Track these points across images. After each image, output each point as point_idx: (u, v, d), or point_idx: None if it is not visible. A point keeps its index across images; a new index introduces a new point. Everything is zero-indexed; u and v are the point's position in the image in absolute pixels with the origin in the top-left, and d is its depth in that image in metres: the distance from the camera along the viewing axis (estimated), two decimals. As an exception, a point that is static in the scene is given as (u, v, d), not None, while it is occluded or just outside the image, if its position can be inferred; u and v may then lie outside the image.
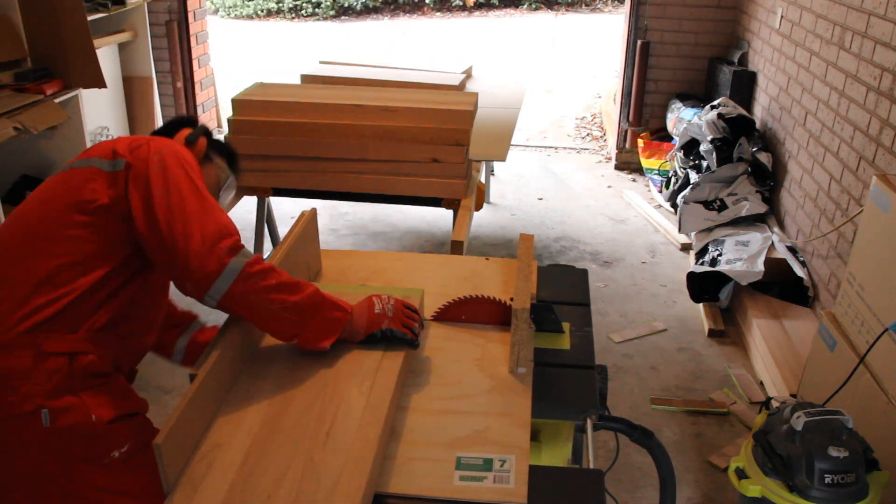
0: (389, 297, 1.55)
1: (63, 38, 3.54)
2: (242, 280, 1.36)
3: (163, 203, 1.38)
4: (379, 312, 1.51)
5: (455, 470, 1.24)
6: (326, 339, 1.46)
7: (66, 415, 1.34)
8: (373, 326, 1.50)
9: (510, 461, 1.26)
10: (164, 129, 1.70)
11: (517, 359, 1.48)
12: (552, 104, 7.13)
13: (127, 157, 1.44)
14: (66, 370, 1.35)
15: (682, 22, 4.84)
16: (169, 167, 1.43)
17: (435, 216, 4.35)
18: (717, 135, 3.99)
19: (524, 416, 1.37)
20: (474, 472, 1.24)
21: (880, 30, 2.78)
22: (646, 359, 3.09)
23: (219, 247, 1.36)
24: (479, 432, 1.33)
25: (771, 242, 3.45)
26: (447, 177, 2.98)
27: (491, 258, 1.96)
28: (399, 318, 1.52)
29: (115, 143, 1.50)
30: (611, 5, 12.92)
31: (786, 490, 1.68)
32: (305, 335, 1.44)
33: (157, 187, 1.40)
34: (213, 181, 1.69)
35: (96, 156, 1.48)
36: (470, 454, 1.28)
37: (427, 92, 3.46)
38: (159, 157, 1.44)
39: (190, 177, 1.44)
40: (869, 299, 2.11)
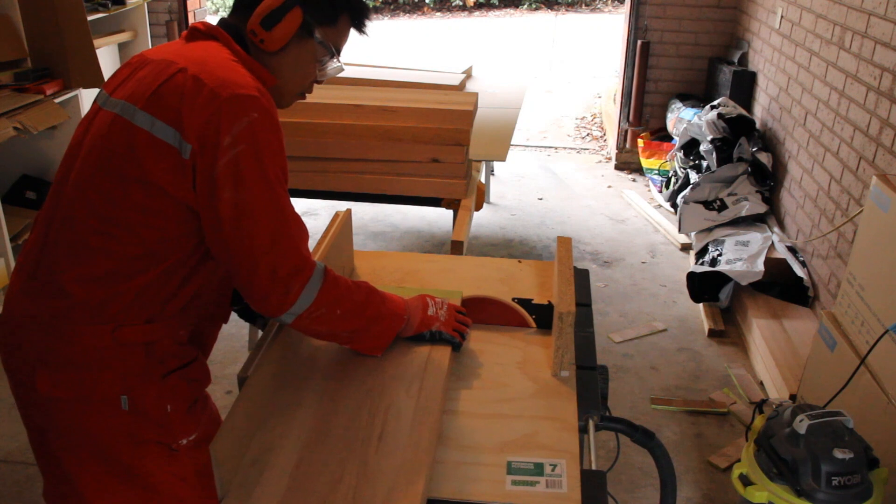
0: (443, 301, 1.55)
1: (63, 38, 3.54)
2: (308, 315, 1.31)
3: (231, 222, 1.22)
4: (432, 315, 1.51)
5: (506, 475, 1.23)
6: (381, 347, 1.47)
7: (143, 403, 1.32)
8: (424, 327, 1.50)
9: (561, 465, 1.25)
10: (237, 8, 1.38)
11: (560, 362, 1.47)
12: (552, 104, 7.14)
13: (193, 145, 1.20)
14: (144, 359, 1.31)
15: (682, 22, 4.84)
16: (242, 171, 1.21)
17: (435, 216, 4.35)
18: (717, 135, 3.99)
19: (571, 420, 1.36)
20: (526, 476, 1.23)
21: (880, 30, 2.78)
22: (646, 359, 3.09)
23: (288, 284, 1.26)
24: (527, 436, 1.32)
25: (771, 242, 3.45)
26: (447, 177, 2.98)
27: (524, 261, 1.95)
28: (451, 322, 1.53)
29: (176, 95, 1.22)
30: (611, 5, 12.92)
31: (793, 495, 1.68)
32: (362, 345, 1.45)
33: (225, 203, 1.21)
34: (306, 62, 1.39)
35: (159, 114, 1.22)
36: (520, 458, 1.26)
37: (427, 92, 3.46)
38: (231, 154, 1.20)
39: (268, 180, 1.23)
40: (869, 299, 2.11)
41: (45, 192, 3.68)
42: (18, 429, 2.61)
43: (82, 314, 1.27)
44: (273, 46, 1.33)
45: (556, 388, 1.45)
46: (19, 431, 2.60)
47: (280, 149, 1.27)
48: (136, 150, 1.22)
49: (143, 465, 1.35)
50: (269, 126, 1.24)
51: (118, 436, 1.32)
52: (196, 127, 1.20)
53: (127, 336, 1.29)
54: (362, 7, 1.42)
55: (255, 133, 1.21)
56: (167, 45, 1.39)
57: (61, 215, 1.29)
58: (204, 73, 1.23)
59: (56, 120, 3.37)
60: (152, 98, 1.23)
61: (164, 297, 1.31)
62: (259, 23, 1.31)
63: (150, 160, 1.22)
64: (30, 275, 1.32)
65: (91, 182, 1.26)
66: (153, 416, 1.33)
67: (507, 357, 1.55)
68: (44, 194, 3.66)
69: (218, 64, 1.26)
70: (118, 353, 1.29)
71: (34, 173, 3.76)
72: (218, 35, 1.35)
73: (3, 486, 2.38)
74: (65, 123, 3.55)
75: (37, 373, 1.30)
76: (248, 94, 1.22)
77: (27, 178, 3.74)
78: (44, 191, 3.68)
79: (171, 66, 1.25)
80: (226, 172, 1.20)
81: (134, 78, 1.30)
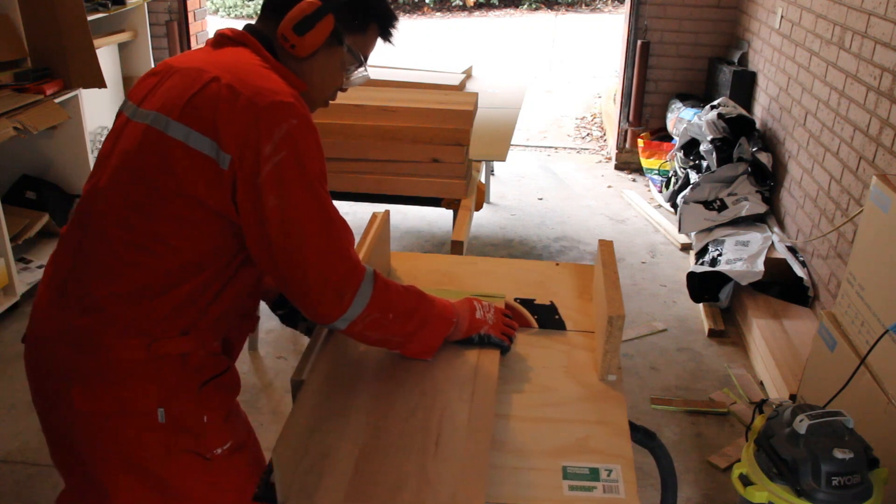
0: (490, 304, 1.55)
1: (63, 38, 3.54)
2: (361, 320, 1.30)
3: (279, 231, 1.20)
4: (480, 318, 1.50)
5: (562, 480, 1.22)
6: (431, 352, 1.46)
7: (180, 414, 1.30)
8: (472, 330, 1.49)
9: (616, 471, 1.24)
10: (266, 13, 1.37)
11: (609, 366, 1.46)
12: (552, 104, 7.14)
13: (233, 155, 1.19)
14: (180, 370, 1.30)
15: (682, 22, 4.84)
16: (286, 178, 1.19)
17: (435, 216, 4.35)
18: (717, 135, 3.99)
19: (622, 425, 1.35)
20: (582, 481, 1.22)
21: (880, 30, 2.78)
22: (646, 359, 3.09)
23: (341, 290, 1.26)
24: (580, 441, 1.31)
25: (771, 242, 3.45)
26: (447, 177, 2.98)
27: (560, 263, 1.94)
28: (499, 326, 1.52)
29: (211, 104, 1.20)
30: (611, 5, 12.92)
31: (793, 495, 1.68)
32: (412, 350, 1.44)
33: (271, 211, 1.19)
34: (334, 68, 1.39)
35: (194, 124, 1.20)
36: (575, 463, 1.25)
37: (427, 92, 3.46)
38: (274, 161, 1.18)
39: (311, 185, 1.22)
40: (869, 299, 2.11)
41: (45, 192, 3.68)
42: (18, 429, 2.61)
43: (116, 329, 1.25)
44: (303, 52, 1.33)
45: (605, 392, 1.44)
46: (19, 431, 2.59)
47: (319, 153, 1.26)
48: (171, 161, 1.21)
49: (177, 476, 1.34)
50: (308, 131, 1.23)
51: (154, 448, 1.31)
52: (235, 137, 1.18)
53: (162, 349, 1.27)
54: (392, 16, 1.43)
55: (295, 139, 1.20)
56: (193, 52, 1.38)
57: (92, 230, 1.28)
58: (238, 82, 1.21)
59: (56, 120, 3.37)
60: (186, 108, 1.21)
61: (200, 309, 1.29)
62: (291, 28, 1.30)
63: (187, 172, 1.20)
64: (59, 290, 1.30)
65: (123, 196, 1.25)
66: (190, 427, 1.32)
67: (551, 360, 1.54)
68: (44, 194, 3.67)
69: (250, 71, 1.25)
70: (154, 365, 1.28)
71: (34, 173, 3.76)
72: (246, 41, 1.34)
73: (3, 486, 2.38)
74: (65, 123, 3.55)
75: (72, 388, 1.28)
76: (286, 100, 1.21)
77: (27, 178, 3.74)
78: (44, 191, 3.68)
79: (204, 75, 1.23)
80: (270, 181, 1.18)
81: (162, 87, 1.28)
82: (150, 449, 1.31)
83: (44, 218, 3.61)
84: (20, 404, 2.73)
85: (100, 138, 4.09)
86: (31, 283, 3.39)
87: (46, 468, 2.44)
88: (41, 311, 1.33)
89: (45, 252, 3.62)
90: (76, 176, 3.78)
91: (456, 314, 1.48)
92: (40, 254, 3.61)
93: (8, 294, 3.24)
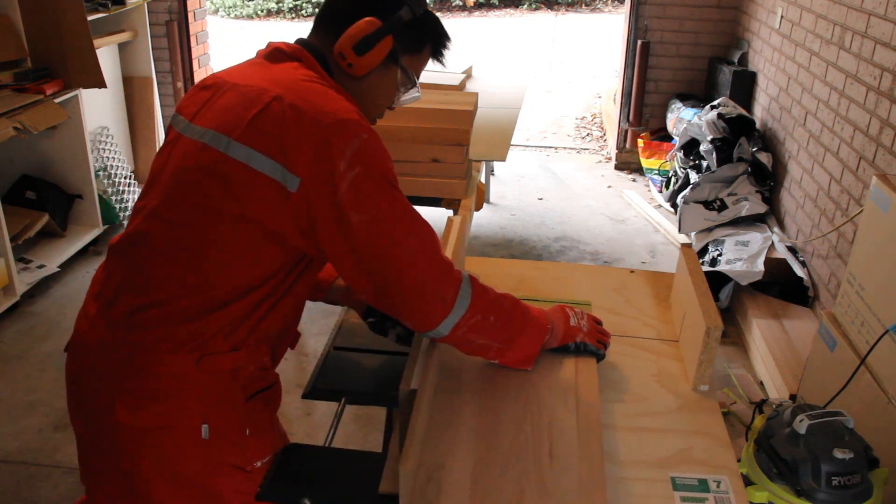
0: (582, 311, 1.53)
1: (63, 38, 3.54)
2: (465, 323, 1.28)
3: (368, 245, 1.19)
4: (574, 325, 1.48)
5: (673, 491, 1.21)
6: (530, 360, 1.42)
7: (224, 429, 1.29)
8: (567, 339, 1.47)
9: (725, 482, 1.23)
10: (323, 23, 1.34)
11: (703, 376, 1.45)
12: (552, 104, 7.14)
13: (303, 177, 1.16)
14: (228, 385, 1.28)
15: (682, 22, 4.84)
16: (365, 192, 1.17)
17: (435, 216, 4.35)
18: (717, 135, 3.99)
19: (723, 436, 1.34)
20: (693, 493, 1.21)
21: (880, 30, 2.78)
22: (646, 359, 3.09)
23: (442, 293, 1.24)
24: (682, 451, 1.30)
25: (771, 242, 3.45)
26: (447, 177, 2.98)
27: (636, 270, 1.93)
28: (593, 333, 1.50)
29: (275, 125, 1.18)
30: (611, 5, 12.92)
31: (793, 495, 1.68)
32: (511, 358, 1.41)
33: (356, 227, 1.17)
34: (388, 88, 1.38)
35: (256, 145, 1.18)
36: (683, 474, 1.24)
37: (427, 92, 3.45)
38: (350, 177, 1.16)
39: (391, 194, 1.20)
40: (869, 299, 2.11)
41: (45, 192, 3.68)
42: (18, 429, 2.61)
43: (167, 345, 1.24)
44: (361, 72, 1.32)
45: (700, 403, 1.43)
46: (19, 431, 2.60)
47: (390, 161, 1.24)
48: (232, 183, 1.19)
49: (218, 487, 1.33)
50: (377, 144, 1.22)
51: (197, 462, 1.30)
52: (304, 158, 1.16)
53: (212, 365, 1.26)
54: (446, 36, 1.43)
55: (368, 153, 1.19)
56: (246, 66, 1.35)
57: (146, 247, 1.26)
58: (301, 101, 1.19)
59: (56, 120, 3.37)
60: (248, 129, 1.19)
61: (251, 326, 1.28)
62: (351, 47, 1.29)
63: (248, 194, 1.18)
64: (108, 302, 1.29)
65: (178, 214, 1.23)
66: (233, 440, 1.31)
67: (641, 369, 1.52)
68: (44, 194, 3.67)
69: (311, 89, 1.23)
70: (202, 381, 1.26)
71: (34, 173, 3.76)
72: (302, 57, 1.32)
73: (3, 486, 2.38)
74: (65, 123, 3.55)
75: (115, 402, 1.26)
76: (351, 117, 1.20)
77: (27, 178, 3.74)
78: (44, 191, 3.68)
79: (265, 94, 1.21)
80: (349, 198, 1.16)
81: (218, 104, 1.26)
82: (193, 463, 1.29)
83: (44, 218, 3.61)
84: (20, 404, 2.73)
85: (100, 138, 4.09)
86: (31, 283, 3.39)
87: (46, 468, 2.44)
88: (88, 323, 1.32)
89: (45, 252, 3.63)
90: (76, 176, 3.78)
91: (550, 321, 1.45)
92: (40, 254, 3.61)
93: (8, 294, 3.24)
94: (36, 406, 2.72)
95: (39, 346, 3.06)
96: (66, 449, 2.52)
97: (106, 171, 4.05)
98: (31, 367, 2.92)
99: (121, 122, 4.46)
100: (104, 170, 4.05)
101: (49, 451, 2.51)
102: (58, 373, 2.86)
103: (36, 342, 3.09)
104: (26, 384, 2.83)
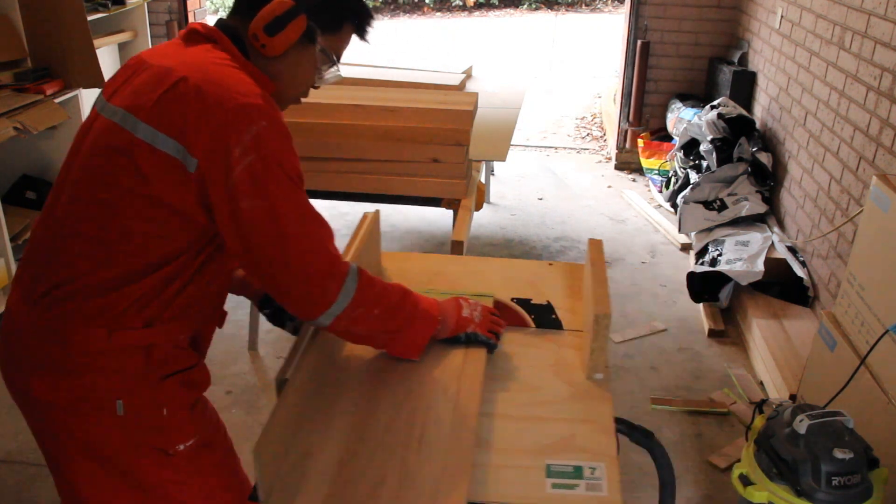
0: (476, 302, 1.55)
1: (63, 38, 3.54)
2: (346, 316, 1.30)
3: (256, 231, 1.21)
4: (466, 316, 1.50)
5: (546, 478, 1.23)
6: (417, 350, 1.45)
7: (139, 407, 1.30)
8: (459, 329, 1.49)
9: (600, 468, 1.24)
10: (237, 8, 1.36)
11: (596, 365, 1.47)
12: (552, 104, 7.14)
13: (200, 159, 1.19)
14: (143, 363, 1.29)
15: (682, 22, 4.84)
16: (258, 179, 1.19)
17: (435, 216, 4.35)
18: (717, 135, 3.99)
19: (608, 423, 1.36)
20: (566, 479, 1.22)
21: (880, 30, 2.78)
22: (646, 359, 3.09)
23: (324, 285, 1.26)
24: (565, 439, 1.31)
25: (771, 242, 3.45)
26: (447, 177, 2.98)
27: (554, 263, 1.94)
28: (486, 324, 1.52)
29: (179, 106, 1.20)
30: (611, 5, 12.92)
31: (793, 495, 1.68)
32: (398, 348, 1.44)
33: (246, 212, 1.20)
34: (307, 68, 1.38)
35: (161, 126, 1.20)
36: (559, 461, 1.26)
37: (427, 92, 3.46)
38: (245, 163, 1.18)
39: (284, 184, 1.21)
40: (869, 299, 2.11)
41: (45, 192, 3.68)
42: (18, 428, 2.61)
43: (80, 319, 1.26)
44: (274, 52, 1.32)
45: (591, 391, 1.44)
46: (19, 431, 2.60)
47: (290, 152, 1.25)
48: (139, 162, 1.21)
49: (141, 469, 1.33)
50: (277, 132, 1.22)
51: (114, 441, 1.31)
52: (202, 141, 1.18)
53: (124, 340, 1.27)
54: (366, 15, 1.42)
55: (264, 141, 1.20)
56: (165, 46, 1.37)
57: (61, 225, 1.28)
58: (206, 83, 1.21)
59: (56, 120, 3.37)
60: (154, 109, 1.21)
61: (164, 302, 1.29)
62: (262, 28, 1.29)
63: (154, 173, 1.21)
64: (30, 282, 1.31)
65: (90, 191, 1.25)
66: (149, 420, 1.31)
67: (539, 359, 1.54)
68: (44, 194, 3.66)
69: (219, 71, 1.24)
70: (115, 356, 1.28)
71: (34, 173, 3.77)
72: (217, 38, 1.33)
73: (3, 486, 2.38)
74: (65, 123, 3.55)
75: (31, 379, 1.29)
76: (253, 102, 1.21)
77: (27, 178, 3.74)
78: (44, 191, 3.68)
79: (172, 74, 1.23)
80: (242, 183, 1.18)
81: (132, 84, 1.28)
82: (110, 441, 1.30)
83: (44, 218, 3.60)
84: (20, 404, 2.73)
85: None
86: (31, 283, 3.39)
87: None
88: (13, 305, 1.34)
89: (45, 252, 3.62)
90: (76, 176, 3.78)
91: (442, 312, 1.48)
92: (40, 254, 3.61)
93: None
94: (36, 406, 2.72)
95: (39, 346, 3.06)
96: (65, 449, 2.52)
97: (106, 171, 4.05)
98: (31, 367, 2.92)
99: (121, 122, 4.46)
100: (104, 170, 4.04)
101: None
102: (58, 373, 2.85)
103: (36, 342, 3.09)
104: (26, 384, 2.83)
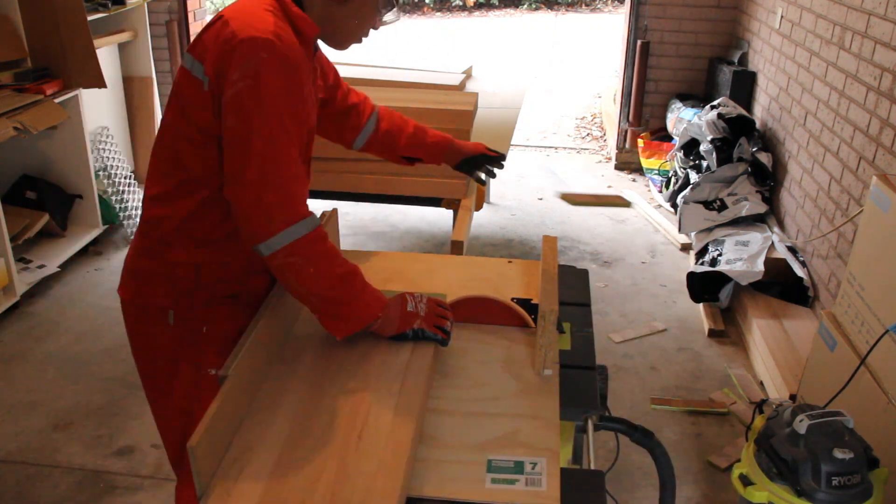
0: (422, 295, 1.55)
1: (63, 38, 3.54)
2: (282, 255, 1.35)
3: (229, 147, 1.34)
4: (411, 311, 1.51)
5: (486, 473, 1.24)
6: (344, 331, 1.46)
7: (185, 320, 1.49)
8: (404, 325, 1.50)
9: (541, 463, 1.26)
10: None
11: (544, 361, 1.47)
12: (552, 104, 7.14)
13: (210, 77, 1.34)
14: (193, 280, 1.48)
15: (682, 22, 4.84)
16: (243, 103, 1.31)
17: (435, 216, 4.35)
18: (717, 135, 3.99)
19: (553, 419, 1.37)
20: (506, 474, 1.23)
21: (880, 30, 2.78)
22: (646, 359, 3.09)
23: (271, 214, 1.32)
24: (508, 435, 1.32)
25: (771, 242, 3.45)
26: (447, 177, 2.97)
27: (514, 260, 1.95)
28: (431, 318, 1.52)
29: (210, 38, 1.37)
30: (611, 5, 12.92)
31: (793, 495, 1.68)
32: (328, 320, 1.45)
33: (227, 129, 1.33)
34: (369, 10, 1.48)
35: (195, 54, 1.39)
36: (500, 457, 1.27)
37: (427, 92, 3.46)
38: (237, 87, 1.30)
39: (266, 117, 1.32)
40: (869, 299, 2.11)
41: (45, 192, 3.68)
42: (18, 429, 2.61)
43: (143, 230, 1.50)
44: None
45: (539, 387, 1.45)
46: (19, 431, 2.60)
47: (286, 93, 1.34)
48: (183, 87, 1.40)
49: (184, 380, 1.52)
50: (277, 69, 1.32)
51: (162, 349, 1.52)
52: (213, 61, 1.33)
53: (176, 256, 1.47)
54: None
55: (260, 71, 1.30)
56: None
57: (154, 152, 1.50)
58: (234, 19, 1.35)
59: (56, 120, 3.38)
60: (195, 42, 1.41)
61: (210, 225, 1.45)
62: None
63: (186, 92, 1.39)
64: None
65: (167, 121, 1.46)
66: (192, 334, 1.50)
67: (491, 355, 1.55)
68: (44, 194, 3.67)
69: (251, 11, 1.37)
70: (170, 270, 1.48)
71: (34, 173, 3.77)
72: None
73: (3, 486, 2.38)
74: (65, 123, 3.55)
75: (120, 283, 1.55)
76: (263, 36, 1.31)
77: (27, 178, 3.74)
78: (44, 191, 3.69)
79: (217, 16, 1.39)
80: (230, 102, 1.31)
81: None
82: (163, 342, 1.51)
83: (44, 218, 3.61)
84: (20, 404, 2.73)
85: (100, 138, 4.09)
86: (31, 283, 3.39)
87: (46, 468, 2.44)
88: None
89: (45, 252, 3.63)
90: (76, 176, 3.79)
91: (385, 308, 1.49)
92: (40, 254, 3.61)
93: (8, 294, 3.24)
94: (36, 406, 2.71)
95: (39, 346, 3.06)
96: (66, 449, 2.52)
97: (106, 171, 4.06)
98: (31, 367, 2.92)
99: (121, 122, 4.46)
100: (104, 170, 4.05)
101: (49, 451, 2.51)
102: (58, 373, 2.86)
103: (36, 342, 3.09)
104: (26, 384, 2.83)
